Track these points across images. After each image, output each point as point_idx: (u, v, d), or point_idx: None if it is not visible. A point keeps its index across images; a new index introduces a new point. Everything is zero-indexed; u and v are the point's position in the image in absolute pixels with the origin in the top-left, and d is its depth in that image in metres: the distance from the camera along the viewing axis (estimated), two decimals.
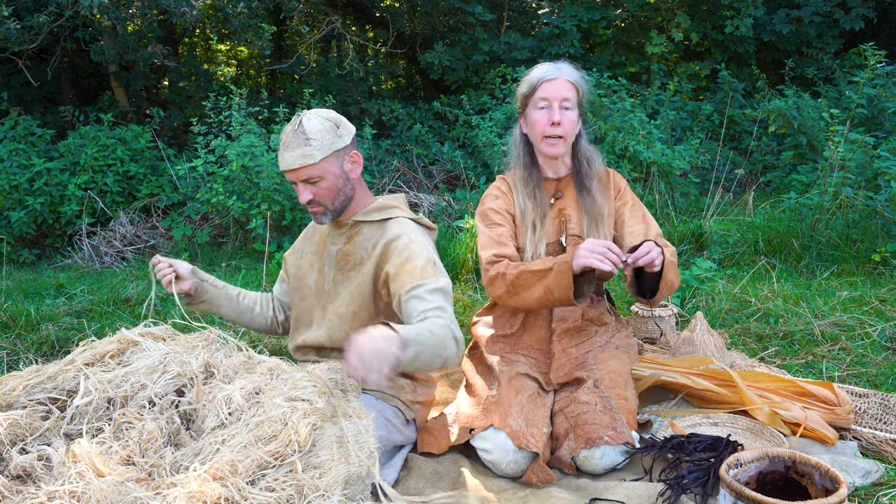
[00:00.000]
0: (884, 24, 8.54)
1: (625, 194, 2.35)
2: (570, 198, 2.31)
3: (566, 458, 1.94)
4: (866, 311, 3.10)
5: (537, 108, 2.22)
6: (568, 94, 2.21)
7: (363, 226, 2.00)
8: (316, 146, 1.84)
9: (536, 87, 2.22)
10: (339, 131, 1.89)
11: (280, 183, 4.63)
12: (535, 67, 2.30)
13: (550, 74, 2.22)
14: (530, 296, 2.11)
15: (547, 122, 2.21)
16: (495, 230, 2.26)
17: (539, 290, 2.08)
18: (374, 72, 8.74)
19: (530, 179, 2.30)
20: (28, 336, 3.11)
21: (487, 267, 2.19)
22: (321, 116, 1.89)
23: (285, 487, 1.32)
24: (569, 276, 2.01)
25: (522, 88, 2.28)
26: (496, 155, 5.48)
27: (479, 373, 2.22)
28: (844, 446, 2.02)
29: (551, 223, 2.29)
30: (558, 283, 2.03)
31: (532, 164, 2.32)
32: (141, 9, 5.87)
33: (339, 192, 1.92)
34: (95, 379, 1.59)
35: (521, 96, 2.29)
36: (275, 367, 1.64)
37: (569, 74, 2.24)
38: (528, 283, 2.10)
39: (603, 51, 7.94)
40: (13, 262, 4.97)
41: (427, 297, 1.79)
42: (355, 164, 1.95)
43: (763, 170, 6.42)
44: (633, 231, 2.28)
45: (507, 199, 2.32)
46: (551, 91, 2.20)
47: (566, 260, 2.02)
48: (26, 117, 5.65)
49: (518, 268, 2.13)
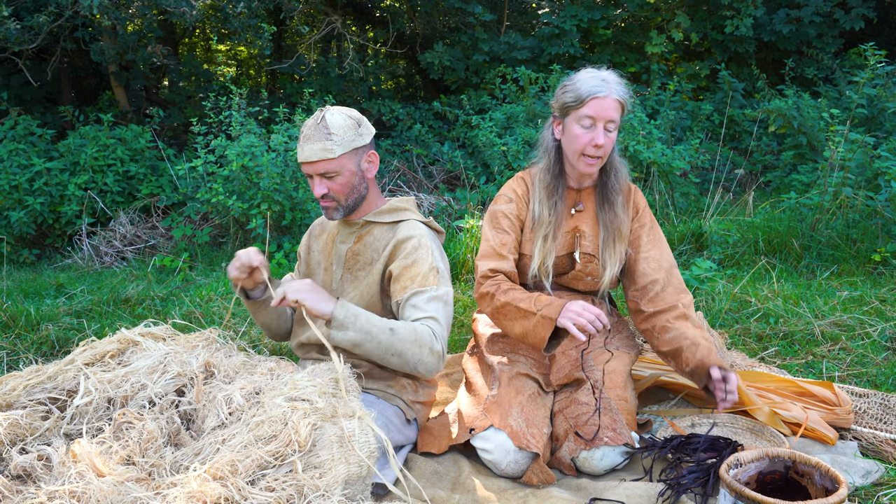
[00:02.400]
0: (884, 24, 8.55)
1: (643, 216, 2.26)
2: (589, 211, 2.24)
3: (566, 459, 1.94)
4: (866, 311, 3.10)
5: (582, 125, 2.08)
6: (615, 115, 2.07)
7: (374, 226, 2.01)
8: (337, 141, 1.86)
9: (585, 102, 2.05)
10: (360, 129, 1.92)
11: (280, 183, 4.63)
12: (583, 76, 2.10)
13: (601, 92, 2.04)
14: (511, 328, 2.11)
15: (589, 142, 2.08)
16: (499, 238, 2.20)
17: (518, 328, 2.08)
18: (374, 72, 8.74)
19: (555, 191, 2.20)
20: (28, 336, 3.11)
21: (481, 280, 2.17)
22: (344, 113, 1.91)
23: (285, 487, 1.32)
24: (547, 331, 2.00)
25: (567, 98, 2.09)
26: (496, 155, 5.49)
27: (479, 372, 2.22)
28: (844, 446, 2.02)
29: (564, 236, 2.22)
30: (535, 332, 2.03)
31: (560, 173, 2.21)
32: (141, 9, 5.87)
33: (354, 190, 1.94)
34: (95, 379, 1.59)
35: (562, 105, 2.12)
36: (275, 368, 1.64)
37: (619, 94, 2.07)
38: (510, 317, 2.09)
39: (603, 51, 7.94)
40: (13, 262, 4.97)
41: (423, 307, 1.83)
42: (372, 163, 1.97)
43: (763, 170, 6.42)
44: (648, 257, 2.21)
45: (520, 204, 2.24)
46: (600, 111, 2.05)
47: (551, 315, 1.99)
48: (26, 117, 5.65)
49: (507, 295, 2.09)
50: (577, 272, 2.23)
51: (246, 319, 3.26)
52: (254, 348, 2.92)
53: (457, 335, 3.17)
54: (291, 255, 4.54)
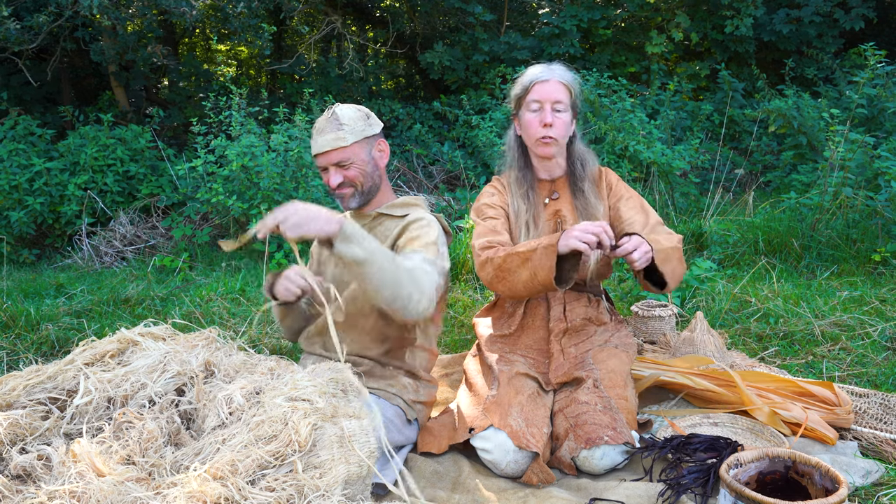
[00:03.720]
0: (884, 24, 8.55)
1: (617, 189, 2.33)
2: (566, 199, 2.31)
3: (566, 459, 1.94)
4: (866, 311, 3.10)
5: (530, 109, 2.22)
6: (560, 95, 2.20)
7: (385, 219, 2.06)
8: (348, 130, 1.95)
9: (529, 88, 2.22)
10: (369, 120, 2.01)
11: (280, 183, 4.63)
12: (528, 69, 2.29)
13: (543, 76, 2.21)
14: (517, 279, 2.06)
15: (539, 123, 2.20)
16: (489, 222, 2.27)
17: (525, 273, 2.03)
18: (374, 72, 8.74)
19: (524, 181, 2.29)
20: (28, 336, 3.11)
21: (480, 253, 2.19)
22: (353, 107, 2.02)
23: (285, 487, 1.32)
24: (552, 258, 1.96)
25: (515, 90, 2.27)
26: (496, 155, 5.49)
27: (479, 372, 2.22)
28: (844, 446, 2.02)
29: (546, 224, 2.28)
30: (542, 264, 1.98)
31: (526, 165, 2.32)
32: (140, 9, 5.87)
33: (369, 177, 2.01)
34: (95, 378, 1.58)
35: (514, 98, 2.29)
36: (275, 367, 1.64)
37: (561, 76, 2.22)
38: (513, 266, 2.07)
39: (603, 51, 7.94)
40: (13, 262, 4.97)
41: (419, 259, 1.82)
42: (383, 152, 2.05)
43: (763, 170, 6.42)
44: (632, 221, 2.25)
45: (502, 197, 2.33)
46: (543, 93, 2.19)
47: (552, 241, 1.98)
48: (26, 117, 5.65)
49: (506, 249, 2.11)
50: None
51: (246, 319, 3.27)
52: (253, 348, 2.92)
53: (457, 335, 3.17)
54: (292, 255, 4.54)
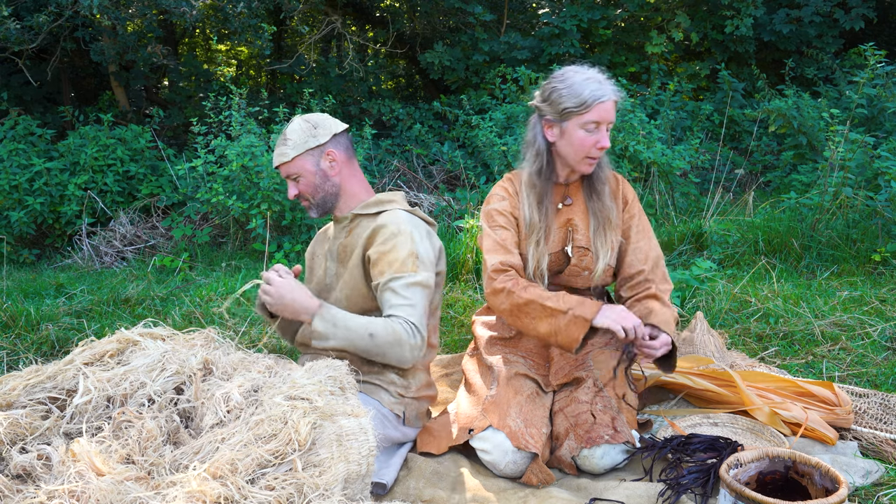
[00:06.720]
0: (884, 24, 8.54)
1: (632, 206, 2.28)
2: (579, 204, 2.25)
3: (566, 458, 1.94)
4: (866, 311, 3.09)
5: (585, 129, 2.08)
6: (614, 116, 2.13)
7: (362, 219, 2.08)
8: (291, 145, 2.01)
9: (591, 107, 2.06)
10: (315, 131, 2.03)
11: (280, 183, 4.63)
12: (576, 79, 2.10)
13: (605, 96, 2.06)
14: (534, 327, 2.05)
15: (593, 145, 2.10)
16: (500, 234, 2.19)
17: (544, 327, 2.03)
18: (374, 72, 8.73)
19: (545, 194, 2.20)
20: (28, 336, 3.11)
21: (493, 276, 2.12)
22: (303, 119, 2.06)
23: (285, 486, 1.32)
24: (582, 331, 1.97)
25: (569, 103, 2.07)
26: (496, 155, 5.48)
27: (478, 373, 2.21)
28: (844, 446, 2.02)
29: (556, 233, 2.22)
30: (568, 331, 1.99)
31: (550, 174, 2.21)
32: (141, 9, 5.86)
33: (318, 189, 2.05)
34: (95, 378, 1.58)
35: (562, 109, 2.09)
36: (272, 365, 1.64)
37: (616, 94, 2.11)
38: (535, 315, 2.04)
39: (603, 51, 7.94)
40: (13, 262, 4.96)
41: (401, 292, 1.89)
42: (334, 161, 2.05)
43: (763, 170, 6.42)
44: (637, 248, 2.24)
45: (512, 202, 2.24)
46: (604, 114, 2.07)
47: (586, 315, 1.97)
48: (26, 117, 5.65)
49: (529, 292, 2.05)
50: (573, 267, 2.22)
51: (246, 319, 3.26)
52: (253, 347, 2.92)
53: (457, 335, 3.17)
54: (291, 255, 4.54)
